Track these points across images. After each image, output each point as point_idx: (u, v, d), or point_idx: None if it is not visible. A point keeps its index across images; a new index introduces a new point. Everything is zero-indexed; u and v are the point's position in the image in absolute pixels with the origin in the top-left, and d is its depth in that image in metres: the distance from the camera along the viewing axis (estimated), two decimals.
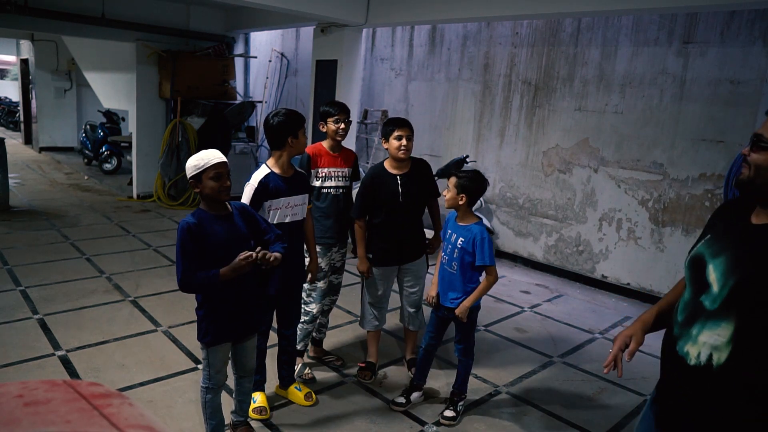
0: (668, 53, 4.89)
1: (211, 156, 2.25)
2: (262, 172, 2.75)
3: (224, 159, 2.28)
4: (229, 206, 2.37)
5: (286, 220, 2.76)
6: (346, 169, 3.34)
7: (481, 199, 6.14)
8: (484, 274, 2.87)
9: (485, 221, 6.02)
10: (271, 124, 2.74)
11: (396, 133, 3.10)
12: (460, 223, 2.87)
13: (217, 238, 2.25)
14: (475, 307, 2.91)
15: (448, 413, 3.00)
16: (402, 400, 3.10)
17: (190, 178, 2.26)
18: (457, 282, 2.86)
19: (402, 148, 3.09)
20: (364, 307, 3.41)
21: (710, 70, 4.65)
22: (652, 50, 4.99)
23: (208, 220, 2.26)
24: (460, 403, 3.05)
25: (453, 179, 2.83)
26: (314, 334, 3.56)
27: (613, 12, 4.76)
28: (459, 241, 2.83)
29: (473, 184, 2.82)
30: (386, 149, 3.18)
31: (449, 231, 2.90)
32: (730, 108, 4.55)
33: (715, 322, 1.34)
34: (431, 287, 3.00)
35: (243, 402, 2.70)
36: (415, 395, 3.14)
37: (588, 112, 5.47)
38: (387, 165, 3.22)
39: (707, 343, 1.35)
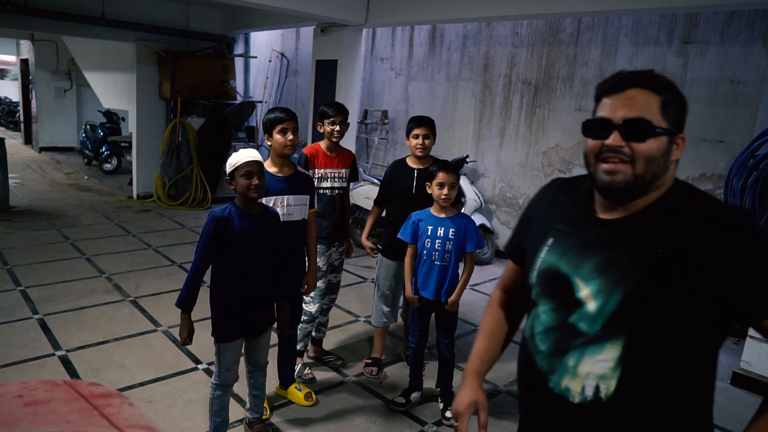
0: (668, 53, 4.89)
1: (244, 155, 2.34)
2: None
3: (257, 158, 2.35)
4: (262, 207, 2.48)
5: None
6: (343, 170, 3.35)
7: (481, 198, 6.14)
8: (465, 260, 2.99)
9: (485, 221, 6.03)
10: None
11: (414, 132, 3.23)
12: (444, 215, 2.92)
13: (244, 235, 2.34)
14: None
15: (449, 413, 3.00)
16: (401, 400, 3.10)
17: (227, 175, 2.38)
18: (449, 274, 2.93)
19: (419, 146, 3.21)
20: (375, 303, 3.48)
21: (710, 70, 4.65)
22: (652, 50, 4.99)
23: (239, 216, 2.36)
24: None
25: (453, 176, 2.88)
26: (314, 333, 3.57)
27: (613, 12, 4.76)
28: (451, 232, 2.89)
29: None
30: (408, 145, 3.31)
31: (430, 227, 2.93)
32: (730, 108, 4.55)
33: (598, 346, 1.11)
34: (408, 290, 3.02)
35: (257, 398, 2.72)
36: (414, 395, 3.14)
37: (588, 112, 5.46)
38: (409, 160, 3.36)
39: (591, 374, 1.11)
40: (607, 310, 1.10)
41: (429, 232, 2.93)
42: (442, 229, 2.90)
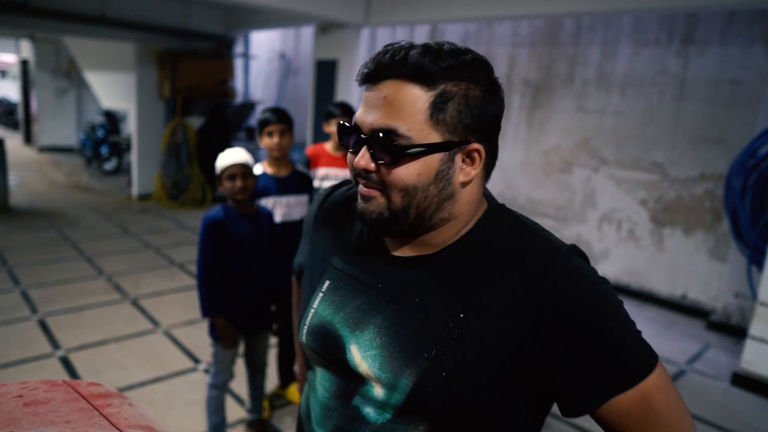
0: (668, 53, 4.89)
1: (227, 158, 2.34)
2: (254, 171, 2.80)
3: (240, 161, 2.33)
4: (255, 206, 2.50)
5: (277, 220, 2.77)
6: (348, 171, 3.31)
7: None
8: None
9: None
10: None
11: None
12: None
13: (239, 236, 2.36)
14: None
15: None
16: None
17: (216, 177, 2.39)
18: None
19: None
20: None
21: (710, 70, 4.65)
22: (652, 50, 4.99)
23: (233, 216, 2.38)
24: None
25: None
26: None
27: (613, 12, 4.76)
28: None
29: None
30: None
31: None
32: (730, 108, 4.55)
33: None
34: None
35: (257, 399, 2.74)
36: None
37: (588, 112, 5.47)
38: None
39: None
40: (396, 399, 0.78)
41: None
42: None
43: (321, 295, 0.89)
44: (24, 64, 12.94)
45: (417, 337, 0.78)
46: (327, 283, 0.89)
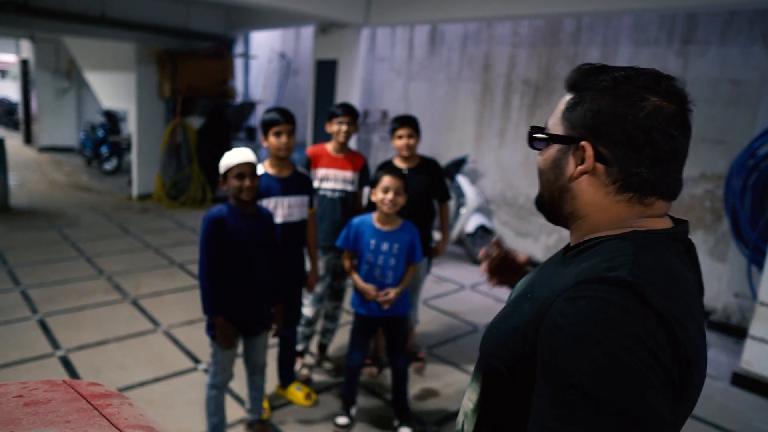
0: (668, 53, 4.89)
1: (236, 156, 2.34)
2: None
3: (249, 159, 2.34)
4: (257, 207, 2.49)
5: (278, 221, 2.77)
6: (349, 172, 3.27)
7: (482, 198, 6.13)
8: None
9: (485, 221, 6.02)
10: None
11: (398, 132, 3.21)
12: (388, 228, 2.73)
13: (239, 235, 2.36)
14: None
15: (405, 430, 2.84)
16: (345, 421, 2.90)
17: (221, 176, 2.38)
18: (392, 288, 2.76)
19: (404, 146, 3.20)
20: None
21: (710, 70, 4.65)
22: (652, 50, 4.99)
23: (235, 215, 2.37)
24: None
25: (399, 181, 2.66)
26: (319, 337, 3.56)
27: (613, 12, 4.76)
28: (395, 248, 2.71)
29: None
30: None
31: (373, 241, 2.72)
32: (730, 108, 4.55)
33: (473, 380, 0.96)
34: (359, 283, 2.78)
35: (257, 399, 2.73)
36: (352, 410, 2.95)
37: None
38: (396, 160, 3.34)
39: (464, 407, 0.97)
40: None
41: (372, 247, 2.73)
42: (387, 244, 2.71)
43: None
44: (24, 64, 12.94)
45: (510, 307, 0.92)
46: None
